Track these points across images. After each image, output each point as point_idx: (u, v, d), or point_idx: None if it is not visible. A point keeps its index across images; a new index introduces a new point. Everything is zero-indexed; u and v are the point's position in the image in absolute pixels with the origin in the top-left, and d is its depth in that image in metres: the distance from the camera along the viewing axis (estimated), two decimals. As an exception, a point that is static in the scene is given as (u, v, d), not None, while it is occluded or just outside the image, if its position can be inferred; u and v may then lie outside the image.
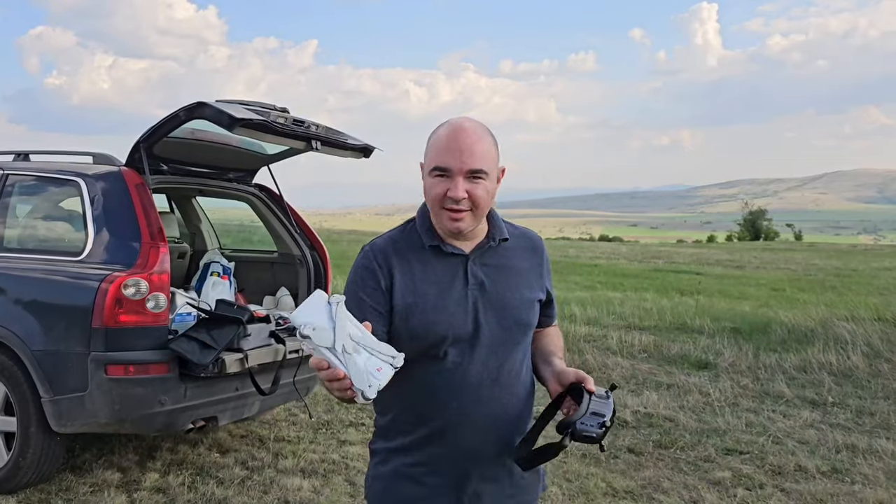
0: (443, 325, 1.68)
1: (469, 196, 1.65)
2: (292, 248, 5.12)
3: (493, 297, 1.74)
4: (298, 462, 4.53)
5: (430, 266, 1.74)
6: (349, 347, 1.36)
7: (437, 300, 1.70)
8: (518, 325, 1.76)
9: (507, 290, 1.76)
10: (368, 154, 4.65)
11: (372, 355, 1.39)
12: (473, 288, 1.73)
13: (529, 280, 1.81)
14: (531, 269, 1.83)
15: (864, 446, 5.07)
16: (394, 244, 1.78)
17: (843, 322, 8.50)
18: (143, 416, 3.77)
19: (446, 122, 1.72)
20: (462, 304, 1.71)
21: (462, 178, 1.64)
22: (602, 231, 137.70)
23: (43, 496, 3.88)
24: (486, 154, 1.67)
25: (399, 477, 1.75)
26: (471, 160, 1.64)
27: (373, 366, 1.38)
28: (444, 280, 1.73)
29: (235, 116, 3.67)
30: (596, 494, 4.19)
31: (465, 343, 1.70)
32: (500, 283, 1.76)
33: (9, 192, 4.45)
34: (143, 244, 3.84)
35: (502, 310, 1.73)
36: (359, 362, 1.36)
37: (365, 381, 1.36)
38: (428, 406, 1.72)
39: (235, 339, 3.97)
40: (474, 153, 1.65)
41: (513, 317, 1.74)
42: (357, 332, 1.40)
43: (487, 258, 1.77)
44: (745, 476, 4.52)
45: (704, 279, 19.15)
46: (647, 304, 11.41)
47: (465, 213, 1.66)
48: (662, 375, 7.10)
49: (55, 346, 3.75)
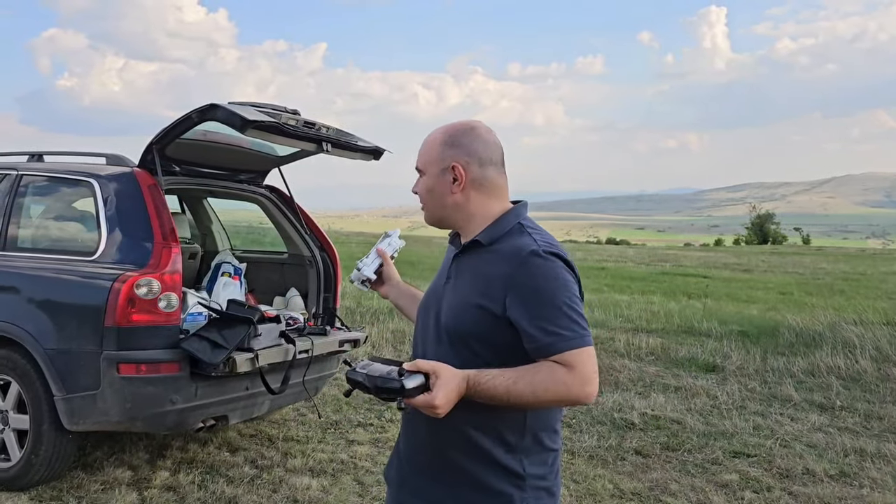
0: (417, 310, 1.90)
1: (418, 192, 1.83)
2: (302, 249, 5.14)
3: (447, 296, 1.77)
4: (307, 461, 4.56)
5: (446, 258, 1.90)
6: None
7: (428, 290, 1.89)
8: (446, 327, 1.72)
9: (457, 290, 1.75)
10: (378, 156, 4.68)
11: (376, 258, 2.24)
12: (448, 282, 1.81)
13: (486, 287, 1.66)
14: (495, 276, 1.66)
15: (873, 450, 5.06)
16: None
17: (852, 326, 8.48)
18: (155, 414, 3.81)
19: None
20: (434, 294, 1.84)
21: (419, 175, 1.83)
22: (609, 234, 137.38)
23: (55, 493, 3.92)
24: (427, 151, 1.79)
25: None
26: (419, 158, 1.82)
27: (374, 262, 2.22)
28: (440, 273, 1.88)
29: (247, 118, 3.70)
30: (603, 496, 4.20)
31: (419, 339, 1.84)
32: (459, 283, 1.76)
33: (23, 193, 4.50)
34: (156, 244, 3.88)
35: (443, 309, 1.76)
36: (368, 260, 2.22)
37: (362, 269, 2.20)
38: None
39: (246, 338, 4.00)
40: (421, 151, 1.82)
41: (443, 318, 1.74)
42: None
43: (465, 258, 1.78)
44: (752, 479, 4.53)
45: (712, 282, 19.09)
46: (654, 307, 11.40)
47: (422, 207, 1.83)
48: (670, 378, 7.10)
49: (68, 345, 3.79)
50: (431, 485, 1.73)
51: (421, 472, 1.76)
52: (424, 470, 1.75)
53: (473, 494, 1.67)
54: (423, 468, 1.76)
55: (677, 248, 56.17)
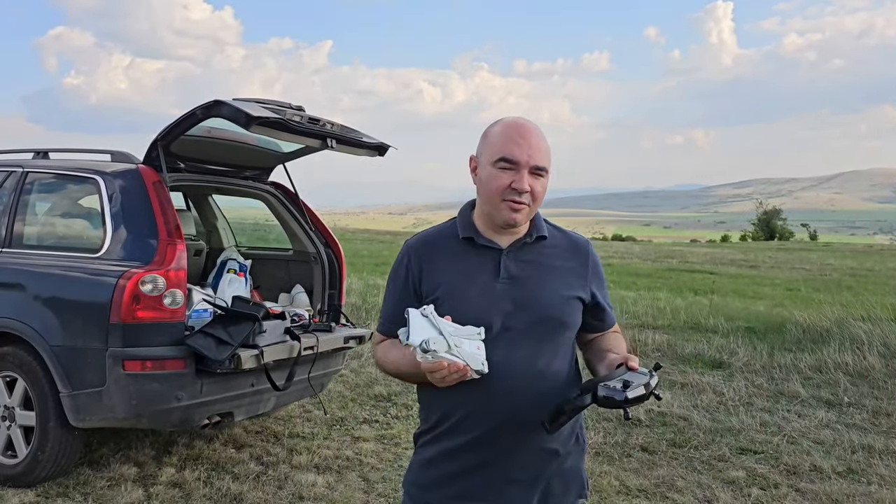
0: (466, 316, 1.70)
1: (531, 190, 1.72)
2: (307, 245, 5.14)
3: (525, 292, 1.75)
4: (313, 458, 4.56)
5: (461, 257, 1.80)
6: (457, 342, 1.59)
7: (463, 290, 1.75)
8: (549, 321, 1.76)
9: (540, 285, 1.77)
10: (383, 152, 4.67)
11: (470, 339, 1.63)
12: (504, 281, 1.75)
13: (567, 278, 1.81)
14: (571, 268, 1.83)
15: (881, 447, 5.03)
16: (428, 238, 1.87)
17: (859, 322, 8.42)
18: (160, 411, 3.81)
19: (502, 119, 1.79)
20: (488, 296, 1.74)
21: (527, 172, 1.71)
22: (615, 230, 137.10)
23: (61, 490, 3.93)
24: (548, 153, 1.75)
25: (432, 460, 1.82)
26: (537, 155, 1.71)
27: (474, 347, 1.62)
28: (473, 270, 1.77)
29: (252, 115, 3.70)
30: (609, 493, 4.19)
31: (490, 335, 1.70)
32: (533, 278, 1.77)
33: (28, 190, 4.50)
34: (161, 241, 3.88)
35: (533, 305, 1.74)
36: (467, 349, 1.60)
37: (478, 361, 1.61)
38: (455, 396, 1.74)
39: (251, 335, 4.00)
40: (540, 149, 1.73)
41: (544, 312, 1.75)
42: (451, 328, 1.62)
43: (524, 254, 1.79)
44: (759, 476, 4.51)
45: (718, 279, 19.04)
46: (660, 304, 11.36)
47: (524, 207, 1.73)
48: (676, 374, 7.07)
49: (73, 342, 3.79)
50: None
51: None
52: (524, 452, 1.78)
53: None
54: (519, 453, 1.78)
55: (683, 244, 56.02)
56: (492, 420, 1.72)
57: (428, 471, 1.82)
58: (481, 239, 1.79)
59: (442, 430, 1.80)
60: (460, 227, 1.82)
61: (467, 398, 1.73)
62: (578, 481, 1.86)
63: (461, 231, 1.81)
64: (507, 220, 1.74)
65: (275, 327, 4.20)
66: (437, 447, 1.81)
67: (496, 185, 1.71)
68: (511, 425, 1.72)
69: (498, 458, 1.75)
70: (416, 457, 1.89)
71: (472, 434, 1.74)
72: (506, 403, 1.71)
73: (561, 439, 1.78)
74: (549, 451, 1.77)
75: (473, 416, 1.74)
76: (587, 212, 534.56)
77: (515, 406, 1.71)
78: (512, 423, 1.72)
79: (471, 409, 1.74)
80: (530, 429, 1.72)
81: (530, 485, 1.77)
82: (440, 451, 1.80)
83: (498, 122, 1.78)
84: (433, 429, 1.83)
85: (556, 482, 1.80)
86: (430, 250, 1.83)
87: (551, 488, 1.79)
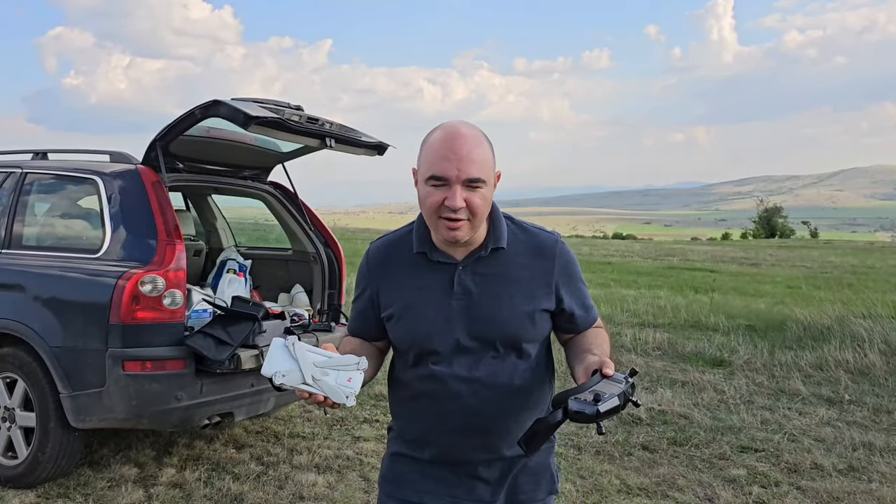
0: (421, 333, 1.69)
1: (467, 205, 1.59)
2: (307, 245, 5.14)
3: (482, 309, 1.68)
4: (313, 458, 4.56)
5: (418, 273, 1.73)
6: (317, 374, 1.57)
7: (419, 308, 1.70)
8: (508, 337, 1.69)
9: (498, 300, 1.68)
10: (382, 152, 4.67)
11: (340, 370, 1.58)
12: (458, 296, 1.68)
13: (529, 290, 1.70)
14: (534, 277, 1.71)
15: (882, 444, 5.03)
16: (389, 248, 1.80)
17: (860, 319, 8.41)
18: (160, 411, 3.81)
19: (440, 126, 1.66)
20: (443, 313, 1.68)
21: (460, 187, 1.58)
22: (615, 229, 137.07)
23: (62, 491, 3.93)
24: (484, 161, 1.61)
25: (398, 454, 1.83)
26: (469, 168, 1.58)
27: (342, 379, 1.58)
28: (429, 286, 1.71)
29: (251, 114, 3.69)
30: (610, 491, 4.19)
31: (447, 352, 1.68)
32: (490, 293, 1.69)
33: (27, 191, 4.50)
34: (160, 241, 3.87)
35: (490, 322, 1.67)
36: (329, 382, 1.57)
37: (341, 395, 1.57)
38: (415, 412, 1.76)
39: (251, 335, 4.00)
40: (473, 161, 1.58)
41: (502, 329, 1.68)
42: (320, 358, 1.59)
43: (481, 267, 1.71)
44: (760, 474, 4.50)
45: (719, 277, 19.02)
46: (661, 302, 11.35)
47: (462, 223, 1.61)
48: (677, 373, 7.07)
49: (73, 343, 3.79)
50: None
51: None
52: (487, 467, 1.77)
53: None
54: (482, 469, 1.76)
55: (684, 242, 56.02)
56: (452, 436, 1.71)
57: (395, 465, 1.83)
58: (435, 255, 1.71)
59: (405, 437, 1.81)
60: (416, 240, 1.74)
61: (425, 414, 1.73)
62: (548, 477, 1.82)
63: (416, 245, 1.73)
64: (446, 238, 1.65)
65: (274, 327, 4.20)
66: (401, 444, 1.82)
67: (429, 203, 1.61)
68: (471, 441, 1.70)
69: (460, 465, 1.74)
70: (386, 450, 1.89)
71: (431, 447, 1.74)
72: (465, 421, 1.69)
73: None
74: (515, 458, 1.74)
75: (432, 431, 1.73)
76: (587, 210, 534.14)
77: (477, 423, 1.69)
78: (473, 439, 1.70)
79: (430, 425, 1.73)
80: (494, 439, 1.71)
81: (497, 483, 1.76)
82: (404, 452, 1.81)
83: (434, 130, 1.65)
84: (399, 432, 1.84)
85: (523, 479, 1.78)
86: (388, 262, 1.78)
87: (519, 486, 1.78)
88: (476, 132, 1.63)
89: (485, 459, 1.72)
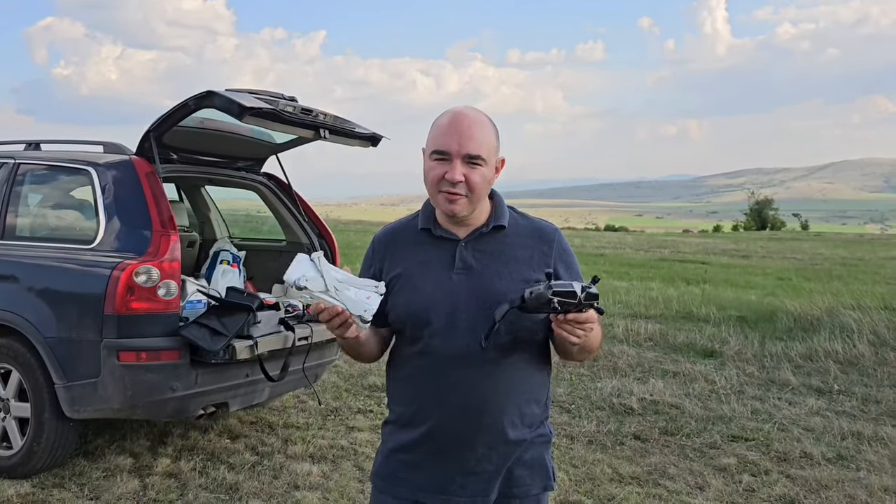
0: (419, 306, 1.74)
1: (466, 180, 1.69)
2: (300, 236, 5.14)
3: (481, 283, 1.73)
4: (308, 448, 4.58)
5: (421, 248, 1.80)
6: (340, 286, 1.61)
7: (419, 281, 1.77)
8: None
9: (498, 276, 1.74)
10: (376, 143, 4.67)
11: (360, 289, 1.62)
12: (460, 272, 1.75)
13: (529, 267, 1.76)
14: (532, 257, 1.78)
15: (870, 433, 5.09)
16: (394, 231, 1.89)
17: (850, 311, 8.49)
18: (155, 401, 3.82)
19: (449, 109, 1.77)
20: (443, 287, 1.74)
21: (460, 162, 1.68)
22: (608, 221, 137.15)
23: (57, 481, 3.94)
24: (484, 140, 1.71)
25: (393, 451, 1.84)
26: (469, 144, 1.68)
27: (362, 296, 1.62)
28: (431, 261, 1.78)
29: (245, 105, 3.69)
30: (602, 480, 4.23)
31: (444, 326, 1.72)
32: (490, 269, 1.75)
33: (20, 182, 4.48)
34: (154, 232, 3.87)
35: (489, 296, 1.71)
36: (350, 295, 1.61)
37: (360, 308, 1.60)
38: (412, 389, 1.79)
39: (245, 326, 4.01)
40: (473, 138, 1.69)
41: (497, 303, 1.70)
42: (341, 275, 1.63)
43: (482, 244, 1.78)
44: (750, 462, 4.56)
45: (710, 268, 19.11)
46: (653, 294, 11.41)
47: (460, 197, 1.70)
48: (668, 363, 7.12)
49: (68, 333, 3.79)
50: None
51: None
52: (484, 445, 1.77)
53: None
54: (479, 445, 1.77)
55: (676, 234, 56.20)
56: (446, 410, 1.73)
57: (389, 462, 1.84)
58: (438, 230, 1.79)
59: (402, 422, 1.82)
60: (421, 218, 1.83)
61: (421, 389, 1.76)
62: (543, 472, 1.83)
63: (421, 222, 1.82)
64: (445, 212, 1.74)
65: (269, 318, 4.21)
66: (397, 438, 1.83)
67: (431, 177, 1.72)
68: (466, 415, 1.72)
69: (455, 450, 1.74)
70: (381, 447, 1.90)
71: (427, 425, 1.75)
72: (460, 397, 1.71)
73: (524, 429, 1.77)
74: (509, 443, 1.75)
75: (427, 406, 1.75)
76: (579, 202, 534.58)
77: (472, 400, 1.71)
78: (468, 413, 1.72)
79: (425, 401, 1.76)
80: (489, 418, 1.72)
81: (491, 476, 1.76)
82: (400, 443, 1.82)
83: (443, 113, 1.76)
84: (395, 421, 1.85)
85: (518, 473, 1.78)
86: (394, 241, 1.86)
87: (514, 479, 1.78)
88: (480, 115, 1.74)
89: (480, 445, 1.73)
